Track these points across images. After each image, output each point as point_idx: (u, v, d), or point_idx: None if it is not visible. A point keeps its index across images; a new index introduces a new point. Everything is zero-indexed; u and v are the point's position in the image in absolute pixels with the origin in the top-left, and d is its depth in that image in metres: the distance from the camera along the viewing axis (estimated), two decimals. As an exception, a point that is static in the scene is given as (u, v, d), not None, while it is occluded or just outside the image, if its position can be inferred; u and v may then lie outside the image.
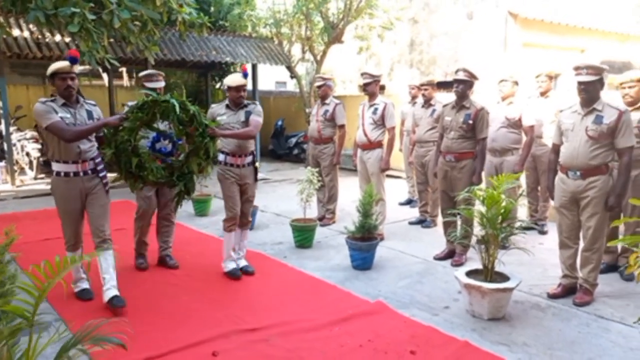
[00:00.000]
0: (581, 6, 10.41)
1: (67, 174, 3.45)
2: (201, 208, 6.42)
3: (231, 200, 4.09)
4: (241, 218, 4.21)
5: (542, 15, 9.44)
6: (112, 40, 7.75)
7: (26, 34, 8.34)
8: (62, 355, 1.67)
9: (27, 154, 9.78)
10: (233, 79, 4.01)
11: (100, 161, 3.56)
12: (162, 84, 4.26)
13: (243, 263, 4.28)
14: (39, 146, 9.28)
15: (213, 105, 4.16)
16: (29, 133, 10.03)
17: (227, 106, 4.06)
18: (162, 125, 3.82)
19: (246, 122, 4.01)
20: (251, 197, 4.25)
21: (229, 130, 3.90)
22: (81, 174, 3.46)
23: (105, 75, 11.78)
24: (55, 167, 3.46)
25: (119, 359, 2.67)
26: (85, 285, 3.72)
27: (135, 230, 4.39)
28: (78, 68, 3.40)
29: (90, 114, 3.53)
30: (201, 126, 3.55)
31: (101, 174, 3.57)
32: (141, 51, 7.08)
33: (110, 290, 3.51)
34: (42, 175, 9.64)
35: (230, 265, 4.17)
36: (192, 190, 3.74)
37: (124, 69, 14.65)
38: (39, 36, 8.37)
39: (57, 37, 8.55)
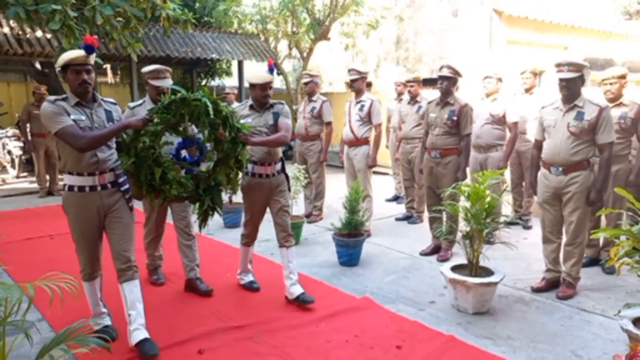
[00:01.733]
0: (565, 4, 10.55)
1: (81, 189, 2.82)
2: (187, 206, 6.37)
3: (252, 218, 3.66)
4: (280, 233, 3.60)
5: (526, 12, 9.55)
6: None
7: (6, 29, 8.18)
8: (44, 354, 1.65)
9: (9, 152, 9.63)
10: (258, 75, 3.47)
11: (121, 172, 2.95)
12: (169, 81, 3.65)
13: (299, 291, 3.52)
14: (21, 144, 9.14)
15: (234, 106, 3.53)
16: (11, 131, 9.87)
17: (251, 107, 3.54)
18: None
19: (275, 126, 3.49)
20: (286, 206, 3.64)
21: (259, 138, 3.36)
22: (99, 188, 2.84)
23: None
24: (68, 180, 2.84)
25: (104, 358, 2.65)
26: (107, 321, 3.07)
27: (146, 246, 3.95)
28: (93, 59, 2.87)
29: (109, 115, 2.92)
30: (233, 130, 3.04)
31: (123, 188, 2.96)
32: (124, 48, 6.99)
33: (139, 330, 2.85)
34: (25, 174, 9.50)
35: (246, 278, 3.86)
36: (221, 205, 3.19)
37: (107, 66, 14.49)
38: (20, 32, 8.22)
39: (39, 33, 8.41)
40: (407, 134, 5.88)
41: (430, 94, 6.09)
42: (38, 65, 10.68)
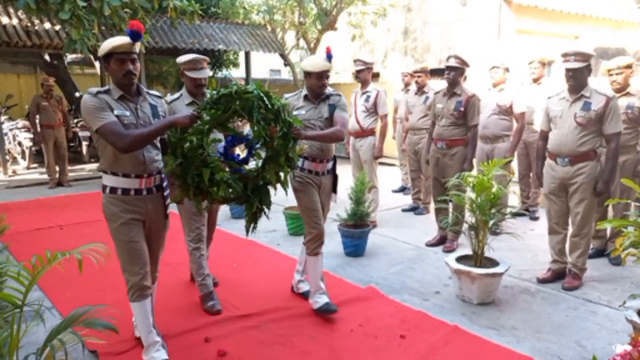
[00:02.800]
0: (575, -8, 10.40)
1: (126, 192, 2.51)
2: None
3: (315, 214, 3.28)
4: None
5: (536, 1, 9.42)
6: (103, 28, 7.69)
7: (15, 21, 8.24)
8: (52, 338, 1.68)
9: (19, 144, 9.75)
10: (315, 63, 3.17)
11: (166, 176, 2.67)
12: (207, 72, 3.35)
13: (306, 287, 3.52)
14: (31, 135, 9.25)
15: (287, 96, 3.25)
16: (21, 122, 9.99)
17: (306, 97, 3.26)
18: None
19: (330, 119, 3.20)
20: (326, 212, 3.46)
21: (312, 131, 3.09)
22: (144, 192, 2.56)
23: (97, 64, 11.69)
24: (110, 181, 2.51)
25: (111, 346, 2.70)
26: (163, 355, 2.66)
27: (193, 260, 3.41)
28: (137, 47, 2.58)
29: (155, 110, 2.60)
30: (285, 125, 2.75)
31: (165, 193, 2.68)
32: (132, 39, 7.02)
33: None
34: (35, 165, 9.62)
35: (321, 300, 3.28)
36: (269, 206, 2.88)
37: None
38: (28, 24, 8.28)
39: (47, 25, 8.45)
40: (414, 125, 5.86)
41: (438, 85, 6.05)
42: (47, 57, 10.73)
